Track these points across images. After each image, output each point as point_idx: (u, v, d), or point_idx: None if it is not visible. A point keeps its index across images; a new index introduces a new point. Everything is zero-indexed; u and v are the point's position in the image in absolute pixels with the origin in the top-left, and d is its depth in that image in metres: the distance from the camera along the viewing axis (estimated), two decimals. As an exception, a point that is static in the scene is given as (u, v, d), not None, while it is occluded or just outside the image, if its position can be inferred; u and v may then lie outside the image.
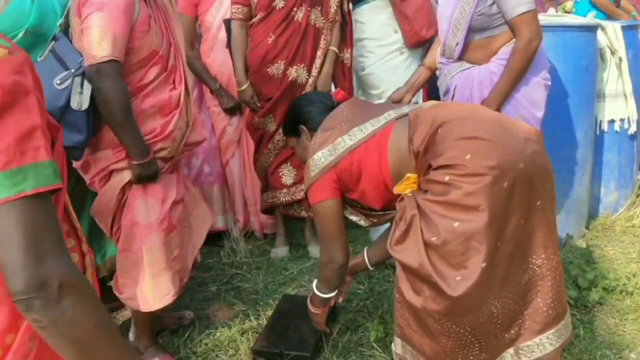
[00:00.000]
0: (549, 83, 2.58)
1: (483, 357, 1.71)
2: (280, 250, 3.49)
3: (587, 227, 3.60)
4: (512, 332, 1.70)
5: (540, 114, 2.53)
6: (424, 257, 1.63)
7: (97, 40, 2.03)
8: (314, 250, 3.43)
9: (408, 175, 1.79)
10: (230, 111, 3.47)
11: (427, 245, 1.64)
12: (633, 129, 3.66)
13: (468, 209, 1.59)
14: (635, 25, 3.77)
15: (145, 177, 2.25)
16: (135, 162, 2.19)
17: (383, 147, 1.85)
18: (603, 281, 2.80)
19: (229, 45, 3.27)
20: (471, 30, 2.48)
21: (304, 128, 2.15)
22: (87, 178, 2.33)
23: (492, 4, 2.41)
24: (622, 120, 3.63)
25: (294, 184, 3.28)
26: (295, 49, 3.11)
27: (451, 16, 2.49)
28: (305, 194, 2.01)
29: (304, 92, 3.13)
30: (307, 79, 3.16)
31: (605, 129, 3.64)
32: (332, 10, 3.16)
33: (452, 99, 2.54)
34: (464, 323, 1.65)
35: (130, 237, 2.28)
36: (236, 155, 3.61)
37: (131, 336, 2.63)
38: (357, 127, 1.90)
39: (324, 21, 3.15)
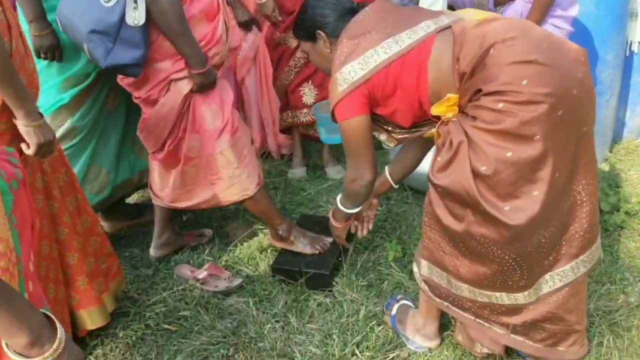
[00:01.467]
0: None
1: (522, 284, 1.69)
2: (297, 171, 3.48)
3: (610, 151, 3.54)
4: (551, 258, 1.68)
5: (575, 12, 2.48)
6: (472, 185, 1.56)
7: None
8: (332, 171, 3.41)
9: (449, 95, 1.67)
10: (245, 25, 3.35)
11: (475, 174, 1.56)
12: (664, 50, 3.52)
13: (523, 139, 1.51)
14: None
15: (207, 85, 2.29)
16: (195, 72, 2.22)
17: (423, 63, 1.70)
18: (625, 205, 2.77)
19: None
20: None
21: (322, 33, 1.95)
22: (141, 92, 2.33)
23: None
24: (653, 41, 3.49)
25: (315, 103, 3.20)
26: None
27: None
28: (332, 109, 1.87)
29: None
30: None
31: (635, 50, 3.49)
32: None
33: None
34: (510, 250, 1.62)
35: (198, 144, 2.36)
36: (252, 73, 3.52)
37: (152, 251, 2.67)
38: (392, 37, 1.73)
39: None
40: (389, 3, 1.90)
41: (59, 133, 2.46)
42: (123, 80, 2.34)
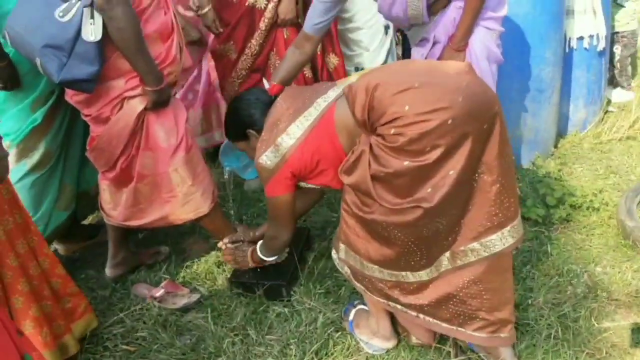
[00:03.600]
0: None
1: (423, 263, 1.86)
2: (253, 183, 3.47)
3: (555, 146, 3.64)
4: (450, 239, 1.83)
5: (504, 12, 2.52)
6: (370, 188, 1.76)
7: None
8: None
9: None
10: (197, 44, 3.36)
11: (373, 178, 1.75)
12: (602, 45, 3.63)
13: (416, 152, 1.68)
14: (605, -63, 3.68)
15: (161, 103, 2.30)
16: (151, 89, 2.23)
17: (332, 132, 1.92)
18: (570, 199, 2.86)
19: None
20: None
21: (252, 132, 2.13)
22: (91, 110, 2.31)
23: None
24: (590, 36, 3.60)
25: None
26: (254, -27, 2.98)
27: (404, 12, 2.45)
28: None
29: (263, 19, 3.04)
30: (267, 4, 3.03)
31: (575, 46, 3.62)
32: None
33: (432, 45, 2.51)
34: (409, 234, 1.79)
35: (152, 162, 2.37)
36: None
37: (108, 271, 2.65)
38: (293, 124, 1.95)
39: None
40: (293, 90, 2.15)
41: (35, 160, 2.43)
42: (73, 98, 2.32)
